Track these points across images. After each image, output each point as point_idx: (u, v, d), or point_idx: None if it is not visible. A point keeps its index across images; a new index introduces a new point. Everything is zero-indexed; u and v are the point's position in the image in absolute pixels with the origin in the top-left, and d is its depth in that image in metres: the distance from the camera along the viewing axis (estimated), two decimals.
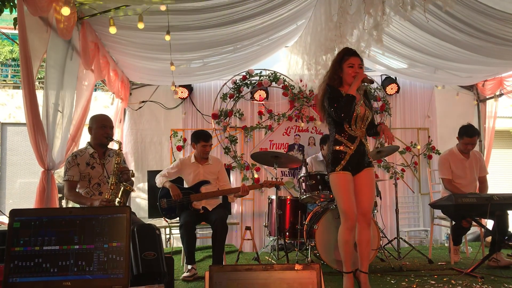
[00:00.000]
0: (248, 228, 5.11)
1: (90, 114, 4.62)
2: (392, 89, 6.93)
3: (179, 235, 4.42)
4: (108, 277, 1.82)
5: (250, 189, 4.72)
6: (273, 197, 5.17)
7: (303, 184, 4.86)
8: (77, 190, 3.70)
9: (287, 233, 5.10)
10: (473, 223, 4.71)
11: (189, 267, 4.30)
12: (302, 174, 4.94)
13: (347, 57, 3.57)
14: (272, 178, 6.45)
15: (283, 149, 6.84)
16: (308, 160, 5.79)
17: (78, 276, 1.81)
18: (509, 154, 11.40)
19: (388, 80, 6.95)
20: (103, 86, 6.08)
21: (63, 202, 6.39)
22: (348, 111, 3.44)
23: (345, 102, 3.43)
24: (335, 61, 3.67)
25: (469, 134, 4.94)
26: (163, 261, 2.27)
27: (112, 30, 3.92)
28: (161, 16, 4.11)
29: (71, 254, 1.84)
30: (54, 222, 1.87)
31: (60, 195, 5.26)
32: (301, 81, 6.69)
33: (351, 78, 3.51)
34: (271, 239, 5.33)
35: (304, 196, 4.84)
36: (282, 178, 6.66)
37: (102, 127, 3.79)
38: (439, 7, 4.21)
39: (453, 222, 4.87)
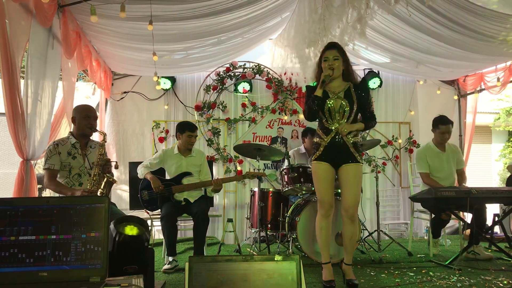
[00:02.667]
0: (230, 220, 5.11)
1: (72, 105, 4.57)
2: (374, 83, 6.98)
3: (160, 227, 4.39)
4: (86, 268, 1.80)
5: (231, 181, 4.71)
6: (256, 189, 5.17)
7: (285, 176, 4.86)
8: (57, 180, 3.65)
9: (269, 225, 5.11)
10: (452, 216, 4.78)
11: (170, 259, 4.28)
12: (284, 167, 4.95)
13: (324, 51, 3.63)
14: (254, 170, 6.46)
15: (266, 141, 6.84)
16: (290, 152, 5.80)
17: (55, 266, 1.79)
18: (488, 148, 11.62)
19: (370, 74, 6.98)
20: (84, 76, 5.99)
21: (44, 193, 6.30)
22: (311, 112, 3.57)
23: (309, 104, 3.56)
24: (319, 58, 3.72)
25: (444, 122, 5.01)
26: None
27: (94, 18, 3.85)
28: (144, 6, 4.06)
29: (48, 244, 1.81)
30: (30, 211, 1.84)
31: (39, 186, 5.19)
32: (285, 73, 6.70)
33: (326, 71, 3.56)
34: (253, 231, 5.34)
35: (286, 189, 4.84)
36: (264, 170, 6.67)
37: (86, 117, 3.73)
38: (422, 1, 4.25)
39: (433, 215, 4.93)
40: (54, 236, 1.83)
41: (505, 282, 3.55)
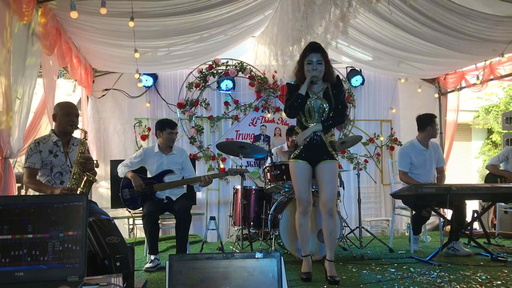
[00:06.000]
0: (212, 218, 5.09)
1: (53, 102, 4.50)
2: (357, 80, 7.03)
3: (142, 225, 4.35)
4: (63, 267, 1.77)
5: (213, 177, 4.69)
6: (238, 187, 5.17)
7: (268, 174, 4.87)
8: (37, 178, 3.58)
9: (251, 223, 5.11)
10: (433, 212, 4.84)
11: (152, 257, 4.24)
12: (267, 164, 4.95)
13: (308, 53, 3.67)
14: (237, 167, 6.45)
15: (249, 139, 6.84)
16: (273, 150, 5.80)
17: (32, 266, 1.76)
18: (468, 146, 11.79)
19: (353, 72, 7.03)
20: (65, 73, 5.90)
21: (23, 192, 6.20)
22: (293, 109, 3.65)
23: (293, 101, 3.62)
24: (300, 57, 3.78)
25: (435, 116, 5.15)
26: (123, 243, 2.27)
27: (74, 14, 3.79)
28: (125, 2, 4.02)
29: (25, 244, 1.78)
30: (6, 210, 1.80)
31: (19, 185, 5.10)
32: (269, 71, 6.70)
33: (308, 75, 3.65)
34: (236, 229, 5.33)
35: (269, 186, 4.85)
36: (246, 167, 6.67)
37: (67, 114, 3.67)
38: (403, 0, 4.29)
39: (413, 212, 4.99)
40: (31, 235, 1.79)
41: (483, 277, 3.61)
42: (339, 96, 3.71)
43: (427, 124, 5.05)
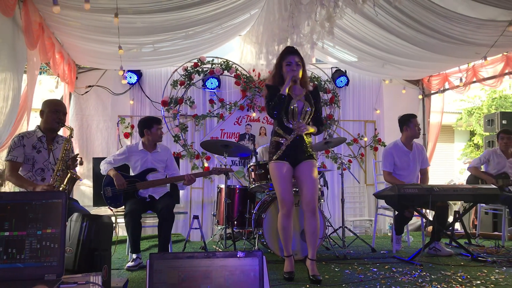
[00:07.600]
0: (196, 217, 5.06)
1: (34, 98, 4.43)
2: (341, 81, 7.06)
3: (124, 223, 4.30)
4: (41, 265, 1.74)
5: (197, 176, 4.66)
6: (222, 186, 5.15)
7: (253, 173, 4.86)
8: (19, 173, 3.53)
9: (235, 222, 5.10)
10: (415, 213, 4.88)
11: (134, 256, 4.21)
12: (251, 163, 4.94)
13: (286, 55, 3.73)
14: (221, 166, 6.42)
15: (234, 138, 6.82)
16: (258, 149, 5.79)
17: (8, 264, 1.72)
18: (451, 148, 11.95)
19: (337, 73, 7.05)
20: (48, 69, 5.81)
21: (3, 189, 6.08)
22: (279, 109, 3.60)
23: (276, 101, 3.60)
24: (277, 60, 3.83)
25: (414, 115, 5.20)
26: (78, 258, 2.20)
27: (55, 9, 3.73)
28: None
29: (1, 241, 1.74)
30: None
31: None
32: (253, 70, 6.68)
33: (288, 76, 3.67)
34: (219, 228, 5.31)
35: (253, 185, 4.84)
36: (231, 166, 6.65)
37: (54, 111, 3.66)
38: (389, 2, 4.32)
39: (396, 212, 5.02)
40: (7, 232, 1.75)
41: (463, 277, 3.65)
42: (319, 105, 3.84)
43: (404, 124, 5.13)
